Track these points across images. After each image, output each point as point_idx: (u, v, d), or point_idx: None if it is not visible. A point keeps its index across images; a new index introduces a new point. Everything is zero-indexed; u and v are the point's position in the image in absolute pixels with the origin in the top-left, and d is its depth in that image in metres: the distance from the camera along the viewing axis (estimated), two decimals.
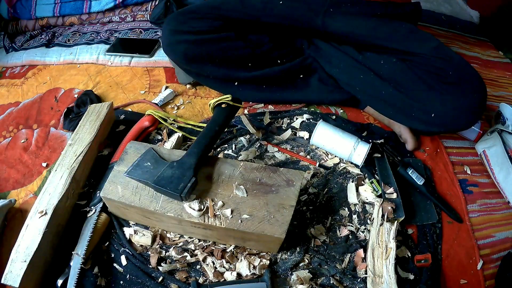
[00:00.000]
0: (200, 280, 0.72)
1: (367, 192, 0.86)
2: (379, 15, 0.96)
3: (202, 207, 0.71)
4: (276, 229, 0.69)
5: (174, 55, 1.03)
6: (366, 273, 0.73)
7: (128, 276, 0.73)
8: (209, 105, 0.88)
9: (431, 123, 0.87)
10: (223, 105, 0.86)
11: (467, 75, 0.83)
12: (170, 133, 0.99)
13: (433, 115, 0.85)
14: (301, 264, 0.75)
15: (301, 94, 1.07)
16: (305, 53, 1.07)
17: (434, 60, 0.82)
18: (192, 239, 0.78)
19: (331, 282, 0.72)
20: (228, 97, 0.86)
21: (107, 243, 0.78)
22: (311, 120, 1.04)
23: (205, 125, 0.88)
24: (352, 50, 0.99)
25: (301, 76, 1.06)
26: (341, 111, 1.08)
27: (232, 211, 0.71)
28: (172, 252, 0.76)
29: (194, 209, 0.70)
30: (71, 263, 0.72)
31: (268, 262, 0.74)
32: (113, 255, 0.77)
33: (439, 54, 0.83)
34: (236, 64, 0.99)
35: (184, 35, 0.97)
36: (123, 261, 0.75)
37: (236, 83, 1.03)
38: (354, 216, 0.83)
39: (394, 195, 0.85)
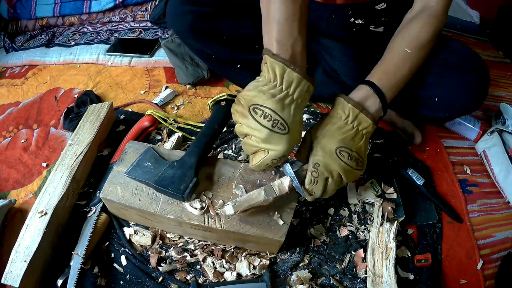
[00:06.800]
0: (200, 280, 0.72)
1: (367, 192, 0.86)
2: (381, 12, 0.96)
3: (204, 205, 0.71)
4: (276, 231, 0.69)
5: (180, 27, 0.98)
6: (366, 273, 0.73)
7: (128, 276, 0.73)
8: (207, 105, 0.88)
9: (436, 107, 0.87)
10: (221, 103, 0.86)
11: (467, 57, 0.83)
12: (170, 133, 0.99)
13: (436, 99, 0.84)
14: (301, 264, 0.75)
15: None
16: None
17: (432, 51, 0.82)
18: (192, 239, 0.78)
19: (331, 282, 0.72)
20: (224, 95, 0.86)
21: (107, 243, 0.78)
22: (311, 120, 1.04)
23: (204, 125, 0.88)
24: (353, 44, 0.98)
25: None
26: None
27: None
28: (172, 252, 0.76)
29: (195, 208, 0.71)
30: (71, 263, 0.71)
31: (268, 262, 0.74)
32: (113, 255, 0.76)
33: (438, 46, 0.82)
34: (241, 44, 0.96)
35: (193, 5, 0.94)
36: (123, 261, 0.75)
37: (238, 66, 1.00)
38: (354, 216, 0.83)
39: (394, 195, 0.85)
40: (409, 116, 1.00)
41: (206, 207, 0.71)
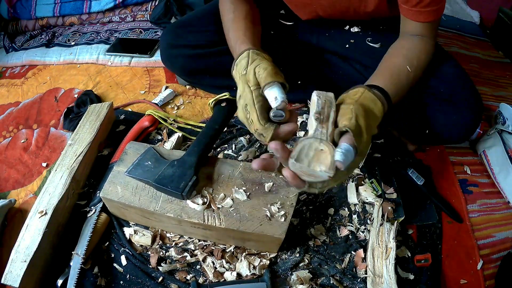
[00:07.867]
0: (200, 280, 0.72)
1: (367, 192, 0.86)
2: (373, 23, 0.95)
3: (206, 200, 0.72)
4: (276, 229, 0.69)
5: (173, 69, 1.04)
6: (366, 273, 0.73)
7: (128, 276, 0.73)
8: (208, 104, 0.88)
9: (426, 138, 0.87)
10: (222, 104, 0.86)
11: (461, 91, 0.81)
12: (170, 133, 0.99)
13: (427, 131, 0.85)
14: (301, 264, 0.75)
15: (302, 94, 1.07)
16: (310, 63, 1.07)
17: (424, 78, 0.81)
18: (192, 239, 0.78)
19: (331, 282, 0.72)
20: (226, 95, 0.86)
21: (107, 243, 0.78)
22: None
23: (205, 125, 0.88)
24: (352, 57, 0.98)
25: (300, 82, 1.06)
26: None
27: (233, 200, 0.72)
28: (172, 252, 0.76)
29: (197, 204, 0.71)
30: (71, 263, 0.72)
31: (268, 262, 0.74)
32: (113, 255, 0.77)
33: (430, 71, 0.81)
34: None
35: (181, 49, 0.97)
36: (123, 261, 0.75)
37: (235, 89, 1.02)
38: (354, 216, 0.83)
39: (394, 195, 0.85)
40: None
41: (208, 202, 0.71)
